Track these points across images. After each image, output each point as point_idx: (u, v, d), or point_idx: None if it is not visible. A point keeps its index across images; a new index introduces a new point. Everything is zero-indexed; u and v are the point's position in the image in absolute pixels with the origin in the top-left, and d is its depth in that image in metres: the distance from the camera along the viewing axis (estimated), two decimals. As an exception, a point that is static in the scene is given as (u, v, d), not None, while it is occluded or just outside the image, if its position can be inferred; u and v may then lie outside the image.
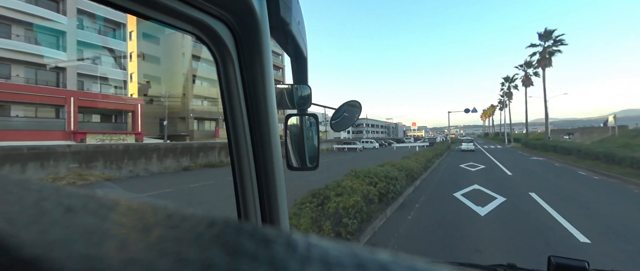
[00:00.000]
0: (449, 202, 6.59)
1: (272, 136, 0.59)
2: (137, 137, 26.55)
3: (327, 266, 0.14)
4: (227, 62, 0.56)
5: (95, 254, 0.15)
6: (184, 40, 33.57)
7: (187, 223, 0.19)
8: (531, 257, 3.58)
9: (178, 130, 33.82)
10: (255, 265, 0.14)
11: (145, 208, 0.21)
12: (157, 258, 0.14)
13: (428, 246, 4.07)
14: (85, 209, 0.21)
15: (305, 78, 0.87)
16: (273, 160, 0.59)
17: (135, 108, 26.73)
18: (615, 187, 8.47)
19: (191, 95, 35.55)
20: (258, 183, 0.59)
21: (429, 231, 4.67)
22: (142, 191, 8.98)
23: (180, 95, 35.95)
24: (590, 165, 12.81)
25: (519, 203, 6.37)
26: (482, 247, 3.93)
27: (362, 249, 0.16)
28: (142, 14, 0.47)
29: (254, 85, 0.57)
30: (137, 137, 26.64)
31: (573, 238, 4.25)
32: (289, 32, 0.67)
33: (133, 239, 0.16)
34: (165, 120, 26.49)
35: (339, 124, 1.14)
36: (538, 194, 7.14)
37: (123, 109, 26.26)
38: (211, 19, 0.52)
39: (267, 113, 0.58)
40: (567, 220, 5.02)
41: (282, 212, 0.61)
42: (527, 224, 4.92)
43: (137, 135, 26.50)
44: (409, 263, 0.15)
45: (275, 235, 0.17)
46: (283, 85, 0.85)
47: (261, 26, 0.54)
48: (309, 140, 0.89)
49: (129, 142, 18.53)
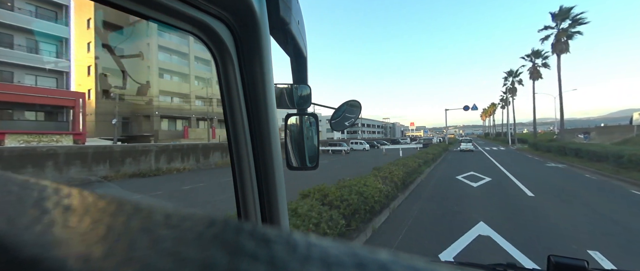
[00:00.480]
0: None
1: (272, 136, 0.60)
2: (77, 138, 21.83)
3: (327, 265, 0.14)
4: (227, 62, 0.57)
5: (95, 254, 0.15)
6: (150, 29, 28.80)
7: (187, 223, 0.19)
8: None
9: (143, 129, 29.37)
10: (255, 264, 0.14)
11: (145, 208, 0.21)
12: (157, 258, 0.14)
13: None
14: (85, 209, 0.22)
15: (305, 78, 0.87)
16: (273, 159, 0.60)
17: (75, 103, 22.20)
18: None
19: (158, 90, 31.11)
20: (258, 183, 0.61)
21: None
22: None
23: (145, 91, 31.25)
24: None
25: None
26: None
27: (362, 249, 0.16)
28: (142, 13, 0.48)
29: (254, 84, 0.58)
30: (77, 138, 21.87)
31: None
32: (289, 32, 0.68)
33: (133, 239, 0.16)
34: (115, 119, 22.15)
35: (339, 124, 1.14)
36: (612, 261, 3.65)
37: (62, 105, 21.74)
38: (211, 18, 0.53)
39: (267, 113, 0.59)
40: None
41: (282, 212, 0.63)
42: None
43: (77, 136, 21.84)
44: (409, 262, 0.15)
45: (275, 234, 0.17)
46: (283, 85, 0.86)
47: (261, 26, 0.56)
48: (308, 139, 0.88)
49: (61, 144, 15.96)
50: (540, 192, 8.00)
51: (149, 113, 30.55)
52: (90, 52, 28.29)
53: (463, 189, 8.52)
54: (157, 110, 31.32)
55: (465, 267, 1.03)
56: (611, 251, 3.86)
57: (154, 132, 30.65)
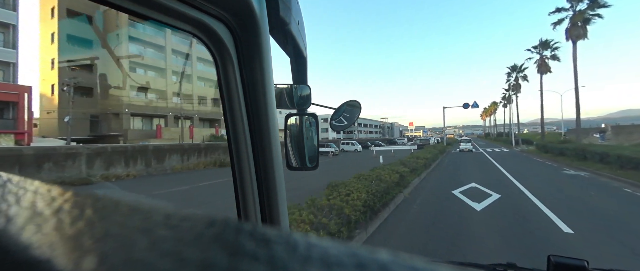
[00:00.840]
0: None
1: (272, 136, 0.61)
2: (19, 137, 18.65)
3: (327, 266, 0.14)
4: (227, 62, 0.58)
5: (95, 254, 0.15)
6: (119, 19, 25.68)
7: (186, 223, 0.19)
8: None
9: (113, 128, 26.35)
10: (255, 265, 0.14)
11: (145, 208, 0.21)
12: (157, 258, 0.14)
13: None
14: (84, 209, 0.22)
15: (305, 78, 0.87)
16: (273, 160, 0.61)
17: (19, 98, 19.14)
18: None
19: (128, 86, 27.99)
20: (258, 183, 0.62)
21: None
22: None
23: (115, 86, 28.27)
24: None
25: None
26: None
27: (362, 249, 0.16)
28: (142, 14, 0.48)
29: (254, 85, 0.59)
30: (19, 138, 18.63)
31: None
32: (289, 32, 0.69)
33: (133, 239, 0.17)
34: (68, 117, 19.14)
35: (339, 124, 1.13)
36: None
37: (5, 100, 18.68)
38: (211, 18, 0.54)
39: (267, 113, 0.60)
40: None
41: (282, 212, 0.63)
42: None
43: (19, 136, 18.68)
44: (409, 262, 0.15)
45: (275, 235, 0.17)
46: (282, 85, 0.86)
47: (261, 26, 0.57)
48: (308, 140, 0.88)
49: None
50: (581, 223, 5.16)
51: (118, 111, 27.65)
52: (54, 43, 25.26)
53: (461, 216, 5.75)
54: (127, 107, 28.37)
55: (465, 267, 1.06)
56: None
57: (124, 131, 27.77)
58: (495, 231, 4.96)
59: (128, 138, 26.30)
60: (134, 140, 24.21)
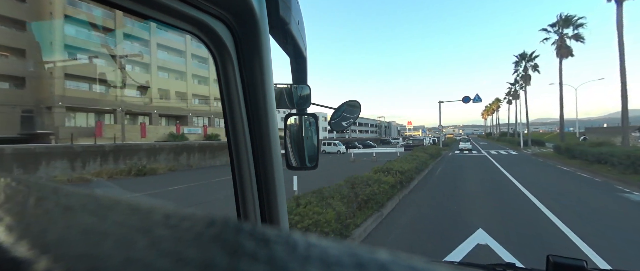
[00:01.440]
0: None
1: (272, 136, 0.61)
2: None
3: (327, 265, 0.14)
4: (227, 62, 0.57)
5: (95, 254, 0.15)
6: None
7: (186, 223, 0.19)
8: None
9: (46, 125, 20.97)
10: (254, 264, 0.14)
11: (145, 208, 0.21)
12: (157, 258, 0.14)
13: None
14: (84, 209, 0.22)
15: (305, 77, 0.86)
16: (273, 160, 0.61)
17: None
18: None
19: (62, 74, 22.66)
20: (257, 183, 0.61)
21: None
22: None
23: (48, 75, 22.98)
24: None
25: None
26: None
27: (362, 248, 0.16)
28: (142, 13, 0.48)
29: (254, 84, 0.59)
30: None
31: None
32: (289, 32, 0.68)
33: (132, 239, 0.16)
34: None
35: (338, 124, 1.13)
36: None
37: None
38: (210, 18, 0.54)
39: (267, 113, 0.60)
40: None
41: (281, 212, 0.63)
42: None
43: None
44: (409, 262, 0.15)
45: (275, 234, 0.17)
46: (282, 85, 0.86)
47: (260, 25, 0.56)
48: (308, 139, 0.88)
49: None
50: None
51: (50, 104, 22.65)
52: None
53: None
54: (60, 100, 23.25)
55: (465, 267, 1.06)
56: None
57: (55, 128, 22.62)
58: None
59: (60, 137, 21.53)
60: (65, 140, 19.43)
